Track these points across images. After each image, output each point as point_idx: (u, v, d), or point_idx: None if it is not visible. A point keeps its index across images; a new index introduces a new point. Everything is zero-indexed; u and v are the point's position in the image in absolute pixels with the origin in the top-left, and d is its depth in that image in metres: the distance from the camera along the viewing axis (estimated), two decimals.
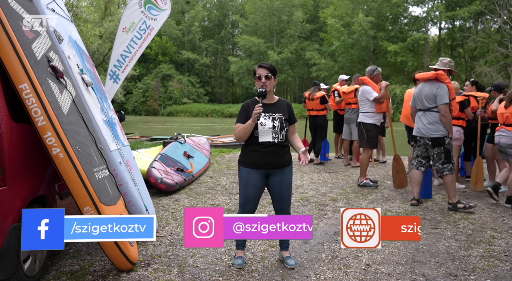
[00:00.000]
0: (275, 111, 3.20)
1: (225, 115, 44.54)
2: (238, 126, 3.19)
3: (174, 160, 6.31)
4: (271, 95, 3.26)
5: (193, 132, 19.46)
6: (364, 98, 6.09)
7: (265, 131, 3.12)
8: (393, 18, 46.03)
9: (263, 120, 3.12)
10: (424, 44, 43.76)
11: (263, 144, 3.13)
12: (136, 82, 48.76)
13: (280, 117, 3.17)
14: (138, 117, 44.71)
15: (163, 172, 5.67)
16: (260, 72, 3.19)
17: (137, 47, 11.07)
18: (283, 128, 3.16)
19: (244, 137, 3.16)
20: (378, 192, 5.81)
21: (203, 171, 6.96)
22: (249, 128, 3.09)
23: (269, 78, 3.18)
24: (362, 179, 6.10)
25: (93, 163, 2.98)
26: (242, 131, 3.13)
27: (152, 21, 11.10)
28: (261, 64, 3.23)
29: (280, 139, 3.15)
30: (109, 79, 10.55)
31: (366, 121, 6.04)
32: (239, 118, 3.23)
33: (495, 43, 37.98)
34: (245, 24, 51.77)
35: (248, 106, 3.23)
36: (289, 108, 3.30)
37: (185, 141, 7.43)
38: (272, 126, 3.12)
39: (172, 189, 5.56)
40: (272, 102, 3.25)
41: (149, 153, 6.91)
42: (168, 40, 52.63)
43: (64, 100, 2.95)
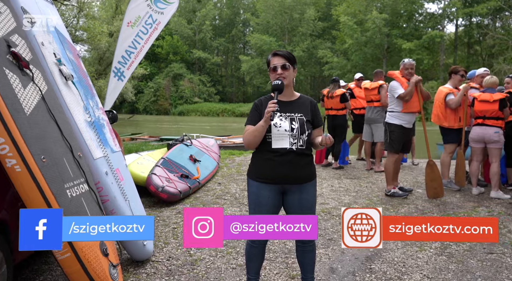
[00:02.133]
0: (295, 110, 2.52)
1: (236, 114, 44.14)
2: (247, 129, 2.51)
3: (178, 164, 5.67)
4: (290, 91, 2.57)
5: (203, 132, 18.88)
6: (391, 95, 5.39)
7: (280, 135, 2.44)
8: (408, 15, 45.04)
9: (278, 120, 2.44)
10: (440, 41, 42.71)
11: (278, 151, 2.44)
12: (147, 82, 48.76)
13: (301, 119, 2.49)
14: (149, 116, 44.58)
15: (165, 179, 5.03)
16: (275, 61, 2.51)
17: (143, 42, 10.45)
18: (304, 132, 2.47)
19: (254, 143, 2.48)
20: (410, 202, 5.08)
21: (211, 177, 6.30)
22: (260, 131, 2.41)
23: (287, 68, 2.49)
24: (389, 188, 5.37)
25: (64, 176, 2.33)
26: (251, 135, 2.45)
27: (159, 15, 10.47)
28: (276, 52, 2.54)
29: (299, 145, 2.46)
30: (113, 76, 9.93)
31: (391, 122, 5.30)
32: (249, 119, 2.55)
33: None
34: (256, 22, 51.25)
35: (261, 104, 2.55)
36: (313, 107, 2.60)
37: (191, 143, 6.79)
38: (290, 128, 2.44)
39: (175, 199, 4.91)
40: (291, 100, 2.57)
41: (152, 156, 6.28)
42: (179, 39, 52.54)
43: (28, 96, 2.31)
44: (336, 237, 3.82)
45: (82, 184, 2.51)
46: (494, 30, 41.09)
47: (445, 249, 3.55)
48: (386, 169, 5.36)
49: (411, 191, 5.55)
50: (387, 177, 5.35)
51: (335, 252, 3.48)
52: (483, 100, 5.25)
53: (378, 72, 7.38)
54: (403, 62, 5.38)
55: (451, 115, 5.65)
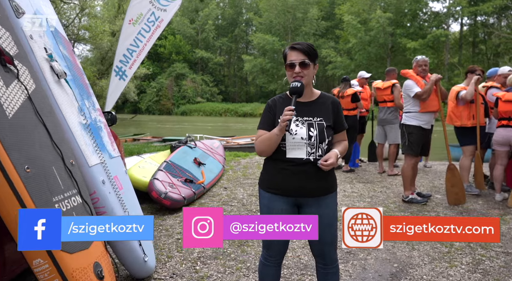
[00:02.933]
0: (314, 113, 2.19)
1: (239, 114, 43.89)
2: (260, 134, 2.20)
3: (182, 168, 5.36)
4: (309, 90, 2.24)
5: (206, 132, 18.58)
6: (406, 95, 5.06)
7: (296, 143, 2.13)
8: (412, 14, 44.69)
9: (294, 127, 2.13)
10: (445, 41, 42.37)
11: (293, 161, 2.14)
12: (149, 81, 48.59)
13: (320, 124, 2.16)
14: (152, 116, 44.35)
15: (168, 185, 4.72)
16: (293, 57, 2.15)
17: (145, 40, 10.14)
18: (323, 140, 2.15)
19: (267, 152, 2.18)
20: (431, 210, 4.74)
21: (216, 180, 5.99)
22: (274, 140, 2.11)
23: (307, 66, 2.14)
24: (407, 194, 5.04)
25: (53, 188, 2.02)
26: (264, 144, 2.15)
27: (162, 12, 10.17)
28: (293, 46, 2.18)
29: (318, 155, 2.14)
30: (114, 76, 9.63)
31: (408, 123, 4.97)
32: (262, 122, 2.24)
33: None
34: (259, 22, 50.94)
35: (275, 105, 2.23)
36: (335, 109, 2.26)
37: (195, 145, 6.47)
38: (307, 136, 2.12)
39: (179, 205, 4.60)
40: (310, 100, 2.24)
41: (155, 159, 5.97)
42: (182, 39, 52.29)
43: (11, 96, 2.00)
44: (355, 250, 3.50)
45: (75, 196, 2.20)
46: (500, 29, 40.72)
47: (478, 265, 3.22)
48: (403, 174, 5.03)
49: (429, 197, 5.22)
50: (404, 182, 5.03)
51: (356, 268, 3.16)
52: (508, 100, 4.92)
53: (390, 70, 7.04)
54: (416, 60, 5.05)
55: (464, 112, 5.32)
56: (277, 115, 2.19)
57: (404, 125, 5.03)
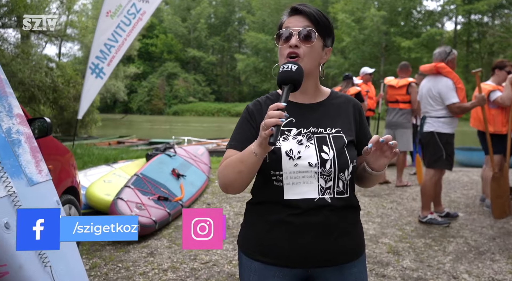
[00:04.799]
0: (325, 122, 1.35)
1: (231, 114, 43.22)
2: (228, 156, 1.33)
3: (156, 183, 4.49)
4: (314, 85, 1.40)
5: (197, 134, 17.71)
6: (438, 96, 4.12)
7: (299, 174, 1.28)
8: (406, 13, 44.34)
9: (293, 145, 1.29)
10: (440, 40, 42.06)
11: (296, 205, 1.29)
12: (140, 81, 47.76)
13: (338, 138, 1.33)
14: (143, 116, 43.48)
15: (136, 205, 3.85)
16: (291, 23, 1.34)
17: (125, 35, 9.24)
18: (346, 165, 1.31)
19: (237, 185, 1.29)
20: (456, 234, 3.91)
21: (199, 195, 5.14)
22: (249, 163, 1.23)
23: (310, 39, 1.31)
24: (425, 213, 4.21)
25: None
26: (233, 170, 1.26)
27: (144, 4, 9.24)
28: (296, 6, 1.35)
29: (337, 192, 1.30)
30: (90, 73, 8.72)
31: (443, 131, 4.09)
32: (234, 138, 1.38)
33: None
34: (252, 20, 50.25)
35: (259, 110, 1.38)
36: (357, 114, 1.43)
37: (175, 153, 5.61)
38: (318, 160, 1.28)
39: (148, 232, 3.74)
40: (317, 101, 1.40)
41: (126, 170, 5.08)
42: (174, 37, 51.51)
43: None
44: None
45: None
46: (494, 27, 40.43)
47: None
48: (425, 190, 4.13)
49: (457, 217, 4.39)
50: (424, 200, 4.18)
51: None
52: None
53: (404, 66, 6.15)
54: (453, 53, 4.20)
55: (498, 117, 4.53)
56: (258, 125, 1.34)
57: (437, 134, 4.10)
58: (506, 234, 3.90)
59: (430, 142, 4.15)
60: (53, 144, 2.97)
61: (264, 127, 1.14)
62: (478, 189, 5.64)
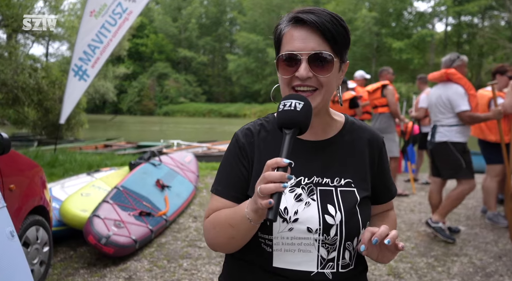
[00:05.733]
0: (333, 169, 1.07)
1: (223, 115, 42.96)
2: (215, 207, 1.06)
3: (138, 195, 4.17)
4: (326, 116, 1.10)
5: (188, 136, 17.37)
6: (449, 103, 3.86)
7: (295, 240, 1.00)
8: (397, 14, 44.53)
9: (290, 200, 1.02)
10: (430, 41, 42.31)
11: (288, 277, 1.02)
12: (131, 81, 47.27)
13: (348, 193, 1.05)
14: (133, 117, 42.99)
15: (114, 223, 3.53)
16: (296, 42, 1.00)
17: (111, 35, 8.87)
18: (355, 232, 1.03)
19: (229, 249, 1.05)
20: (459, 252, 3.65)
21: (185, 207, 4.83)
22: (242, 230, 0.97)
23: (327, 64, 0.99)
24: (437, 218, 3.91)
25: None
26: (223, 235, 1.01)
27: (130, 3, 8.88)
28: (300, 16, 1.00)
29: (342, 265, 1.03)
30: (72, 75, 8.34)
31: (457, 140, 3.84)
32: (220, 180, 1.10)
33: (505, 39, 36.65)
34: (244, 21, 50.01)
35: (251, 143, 1.09)
36: (376, 155, 1.11)
37: (160, 161, 5.29)
38: (320, 225, 1.00)
39: (127, 252, 3.43)
40: (324, 138, 1.10)
41: (107, 181, 4.74)
42: (164, 37, 51.10)
43: None
44: None
45: None
46: (484, 29, 40.73)
47: None
48: (453, 200, 3.87)
49: (458, 232, 4.13)
50: (446, 209, 3.90)
51: None
52: None
53: (383, 70, 5.99)
54: (462, 59, 3.96)
55: (502, 126, 4.29)
56: (255, 167, 1.06)
57: (452, 144, 3.85)
58: (511, 251, 3.66)
59: (444, 153, 3.88)
60: (15, 160, 2.65)
61: (260, 194, 0.85)
62: (478, 198, 5.41)
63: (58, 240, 3.65)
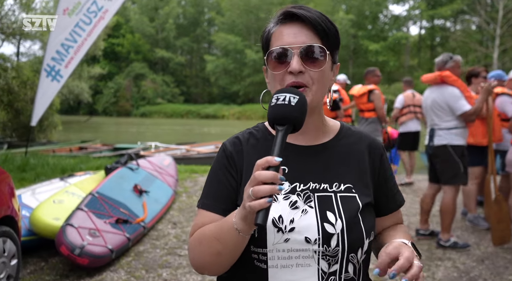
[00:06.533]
0: (330, 174, 0.98)
1: (201, 116, 42.59)
2: (201, 221, 0.96)
3: (115, 202, 4.00)
4: (319, 118, 1.02)
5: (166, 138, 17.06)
6: (446, 107, 3.81)
7: (292, 252, 0.90)
8: (373, 17, 45.36)
9: (282, 208, 0.92)
10: (405, 43, 43.27)
11: None
12: (106, 82, 46.32)
13: (349, 199, 0.96)
14: (109, 118, 42.10)
15: (89, 232, 3.36)
16: (287, 36, 0.94)
17: (85, 34, 8.58)
18: (360, 243, 0.94)
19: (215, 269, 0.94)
20: (443, 256, 3.63)
21: (164, 213, 4.67)
22: (231, 243, 0.87)
23: (318, 60, 0.93)
24: (447, 236, 3.82)
25: None
26: (209, 251, 0.90)
27: (106, 2, 8.60)
28: (291, 11, 0.94)
29: (345, 279, 0.94)
30: (45, 76, 8.02)
31: (457, 143, 3.77)
32: (206, 193, 1.00)
33: (476, 43, 37.89)
34: (222, 21, 49.79)
35: (240, 152, 1.00)
36: (377, 160, 1.03)
37: (138, 165, 5.11)
38: (319, 235, 0.90)
39: (103, 263, 3.26)
40: (319, 143, 1.01)
41: (81, 187, 4.52)
42: (141, 37, 50.34)
43: None
44: None
45: None
46: (456, 33, 41.96)
47: None
48: (448, 211, 3.76)
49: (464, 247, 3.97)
50: (448, 222, 3.79)
51: None
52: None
53: (369, 72, 5.83)
54: (455, 60, 3.91)
55: (479, 128, 4.33)
56: (244, 175, 0.97)
57: (451, 147, 3.77)
58: (493, 254, 3.67)
59: (444, 156, 3.80)
60: None
61: (250, 196, 0.75)
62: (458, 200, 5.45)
63: (28, 250, 3.44)
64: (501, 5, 33.36)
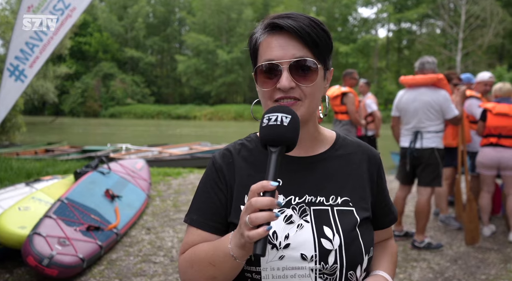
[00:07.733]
0: (327, 187, 0.94)
1: (172, 117, 41.96)
2: (192, 241, 0.90)
3: (85, 208, 3.83)
4: (314, 130, 0.98)
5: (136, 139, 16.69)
6: (439, 109, 3.81)
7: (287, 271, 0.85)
8: (343, 19, 46.17)
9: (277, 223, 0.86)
10: (374, 46, 44.25)
11: None
12: (73, 81, 44.98)
13: (346, 213, 0.92)
14: (76, 119, 40.88)
15: (58, 241, 3.20)
16: (277, 51, 0.88)
17: (52, 33, 8.22)
18: (360, 260, 0.90)
19: None
20: (418, 257, 3.70)
21: (137, 218, 4.53)
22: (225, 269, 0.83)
23: (310, 72, 0.89)
24: (421, 237, 3.87)
25: None
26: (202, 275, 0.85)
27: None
28: (277, 22, 0.89)
29: None
30: (8, 76, 7.54)
31: (441, 146, 3.87)
32: (195, 208, 0.94)
33: (440, 46, 39.24)
34: (193, 21, 49.31)
35: (230, 164, 0.96)
36: (374, 172, 1.00)
37: (109, 169, 4.94)
38: (315, 251, 0.86)
39: (74, 273, 3.11)
40: (314, 154, 0.98)
41: (49, 193, 4.32)
42: (109, 36, 49.14)
43: None
44: None
45: None
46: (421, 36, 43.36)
47: None
48: (423, 212, 3.79)
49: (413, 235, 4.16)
50: (423, 223, 3.84)
51: None
52: (500, 113, 4.06)
53: (347, 74, 5.78)
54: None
55: (449, 130, 4.43)
56: (236, 189, 0.92)
57: (437, 151, 3.82)
58: (466, 254, 3.77)
59: (430, 159, 3.82)
60: None
61: (247, 224, 0.70)
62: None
63: None
64: (464, 10, 34.76)
